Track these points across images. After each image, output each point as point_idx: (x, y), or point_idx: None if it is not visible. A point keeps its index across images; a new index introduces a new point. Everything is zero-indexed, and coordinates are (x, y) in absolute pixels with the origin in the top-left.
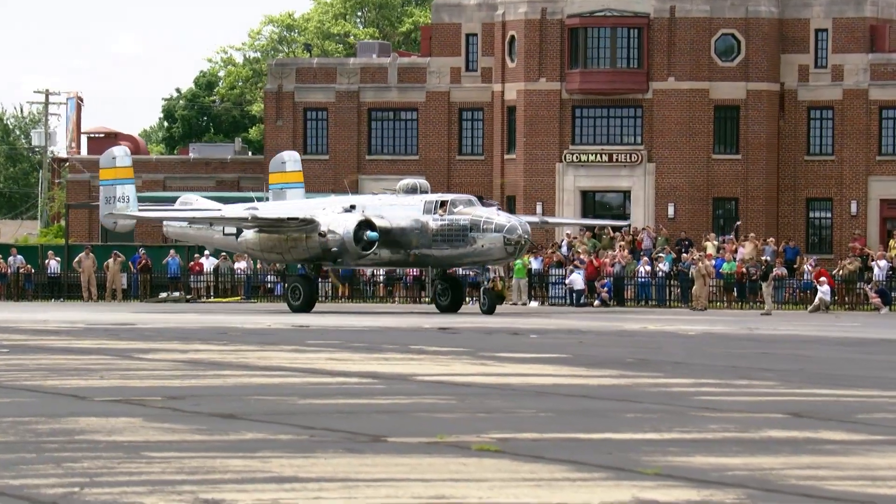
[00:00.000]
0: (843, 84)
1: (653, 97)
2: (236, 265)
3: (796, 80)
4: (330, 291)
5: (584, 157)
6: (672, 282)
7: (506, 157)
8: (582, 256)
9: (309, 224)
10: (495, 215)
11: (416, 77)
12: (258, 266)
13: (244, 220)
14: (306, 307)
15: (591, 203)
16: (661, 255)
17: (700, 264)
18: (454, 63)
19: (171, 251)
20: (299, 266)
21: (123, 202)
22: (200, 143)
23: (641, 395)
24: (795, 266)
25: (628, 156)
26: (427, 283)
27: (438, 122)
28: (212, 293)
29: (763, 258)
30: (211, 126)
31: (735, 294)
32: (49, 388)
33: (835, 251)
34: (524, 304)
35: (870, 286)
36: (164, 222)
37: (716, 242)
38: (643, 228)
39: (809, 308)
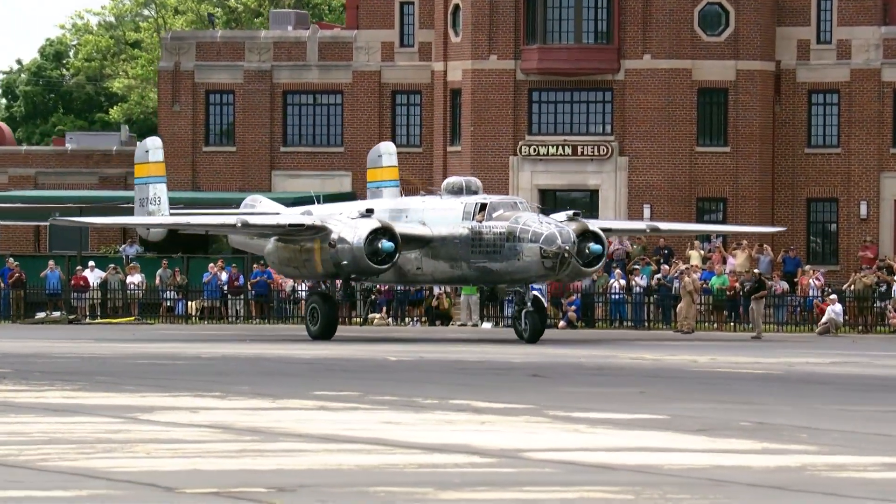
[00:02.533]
0: (850, 63)
1: (625, 78)
2: (129, 279)
3: (795, 59)
4: (242, 311)
5: (542, 150)
6: (651, 299)
7: (449, 149)
8: None
9: (320, 232)
10: (535, 222)
11: (341, 54)
12: (156, 281)
13: (231, 226)
14: (325, 333)
15: (551, 204)
16: (636, 267)
17: (686, 278)
18: (386, 37)
19: (51, 262)
20: (320, 283)
21: (155, 204)
22: (79, 132)
23: (838, 485)
24: (796, 279)
25: (596, 148)
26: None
27: (367, 107)
28: (98, 312)
29: (755, 271)
30: (60, 105)
31: (725, 313)
32: (107, 473)
33: (841, 261)
34: (475, 325)
35: (892, 305)
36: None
37: (701, 252)
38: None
39: (818, 329)
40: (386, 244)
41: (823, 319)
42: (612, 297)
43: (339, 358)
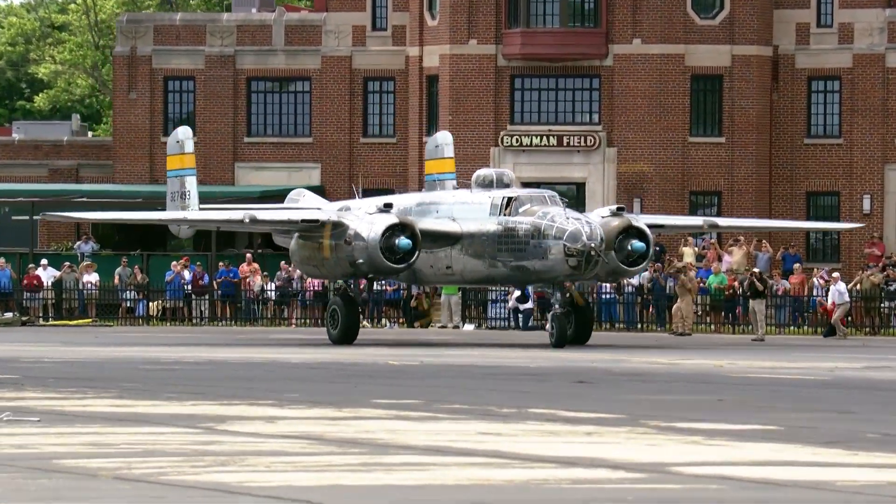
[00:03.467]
0: (853, 47)
1: (613, 64)
2: (85, 278)
3: (794, 43)
4: (207, 312)
5: (526, 140)
6: (644, 298)
7: (425, 139)
8: None
9: (337, 228)
10: (561, 217)
11: (309, 38)
12: (115, 280)
13: (238, 222)
14: (346, 338)
15: None
16: None
17: (684, 276)
18: (357, 20)
19: (0, 260)
20: (340, 282)
21: (186, 199)
22: (27, 122)
23: None
24: (795, 278)
25: (582, 138)
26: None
27: (337, 95)
28: (52, 314)
29: (755, 269)
30: None
31: (723, 314)
32: (247, 489)
33: (843, 259)
34: (456, 326)
35: None
36: None
37: (695, 248)
38: None
39: (836, 323)
40: (403, 241)
41: (830, 301)
42: (602, 297)
43: (337, 362)
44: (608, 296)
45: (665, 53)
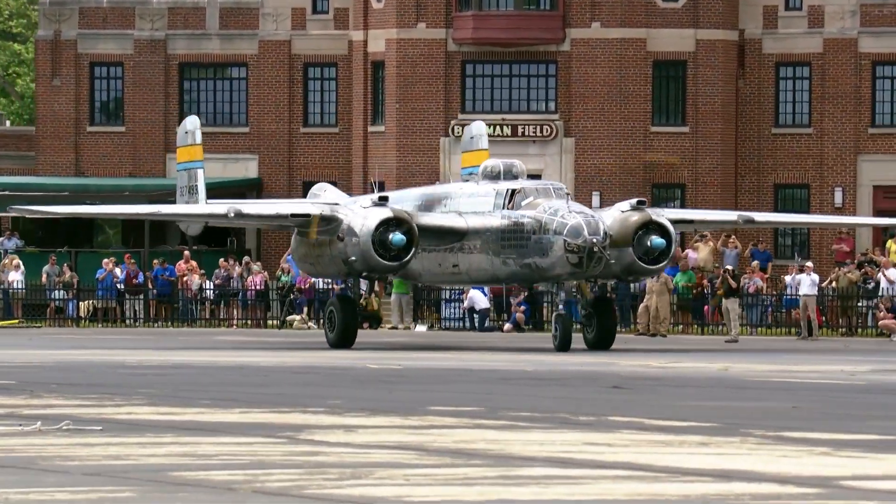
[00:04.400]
0: (823, 32)
1: (571, 50)
2: (11, 276)
3: (761, 27)
4: (141, 312)
5: None
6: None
7: (370, 129)
8: None
9: (331, 223)
10: (563, 211)
11: (245, 21)
12: (42, 279)
13: (222, 216)
14: (343, 341)
15: None
16: None
17: (665, 275)
18: (297, 2)
19: None
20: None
21: (194, 194)
22: None
23: None
24: (766, 276)
25: (538, 128)
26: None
27: (275, 82)
28: None
29: (727, 266)
30: None
31: (690, 314)
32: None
33: (813, 255)
34: (407, 327)
35: (881, 305)
36: None
37: None
38: None
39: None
40: (396, 237)
41: (803, 291)
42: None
43: (319, 366)
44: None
45: (625, 38)
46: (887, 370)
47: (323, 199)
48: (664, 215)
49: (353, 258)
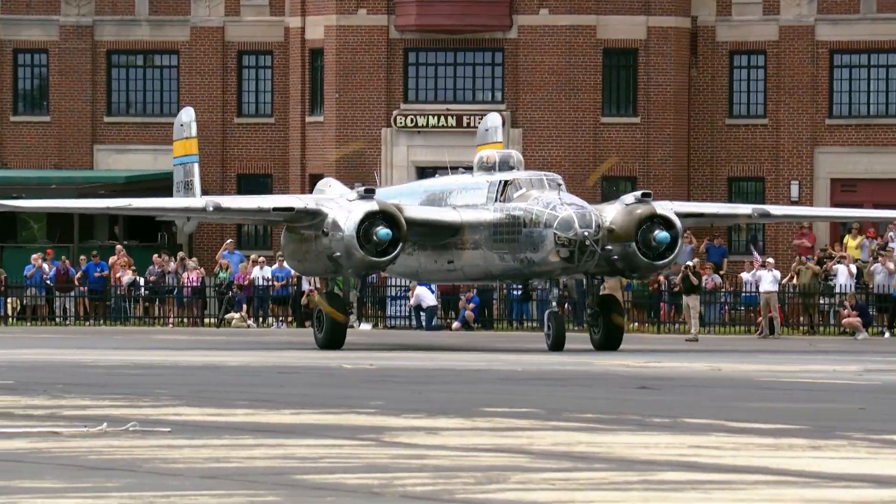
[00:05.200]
0: (779, 19)
1: (518, 37)
2: None
3: (714, 14)
4: (72, 310)
5: (421, 121)
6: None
7: (308, 119)
8: None
9: (316, 217)
10: (553, 203)
11: (176, 7)
12: None
13: (200, 210)
14: (332, 342)
15: None
16: None
17: None
18: None
19: None
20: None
21: (190, 190)
22: None
23: None
24: (722, 272)
25: (484, 118)
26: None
27: (208, 70)
28: None
29: (688, 263)
30: None
31: (645, 312)
32: None
33: (767, 251)
34: (351, 326)
35: (846, 301)
36: None
37: None
38: None
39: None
40: (382, 231)
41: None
42: (512, 294)
43: (292, 366)
44: (519, 292)
45: (574, 25)
46: (888, 370)
47: (328, 194)
48: (671, 208)
49: (338, 254)
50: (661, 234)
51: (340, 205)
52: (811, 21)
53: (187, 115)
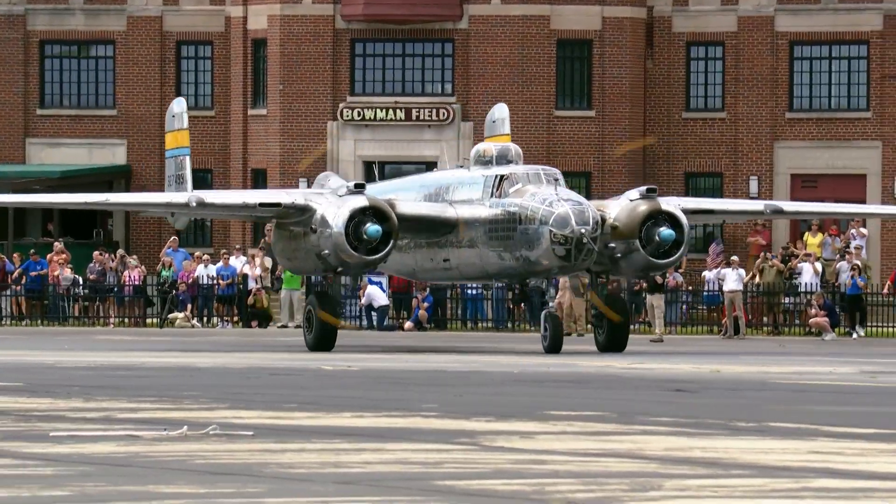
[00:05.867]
0: (737, 9)
1: (469, 27)
2: None
3: (671, 4)
4: (12, 310)
5: (369, 114)
6: (514, 295)
7: (250, 112)
8: None
9: (305, 213)
10: (549, 199)
11: None
12: None
13: (183, 206)
14: (322, 344)
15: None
16: None
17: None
18: None
19: None
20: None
21: (182, 184)
22: None
23: None
24: (681, 270)
25: (434, 112)
26: None
27: (146, 61)
28: None
29: None
30: None
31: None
32: None
33: (726, 249)
34: (298, 326)
35: (813, 301)
36: None
37: None
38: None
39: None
40: (371, 228)
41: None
42: (468, 293)
43: (292, 368)
44: (473, 291)
45: (527, 15)
46: (888, 371)
47: (328, 185)
48: (679, 205)
49: (327, 251)
50: (666, 232)
51: (330, 200)
52: (770, 11)
53: (179, 105)
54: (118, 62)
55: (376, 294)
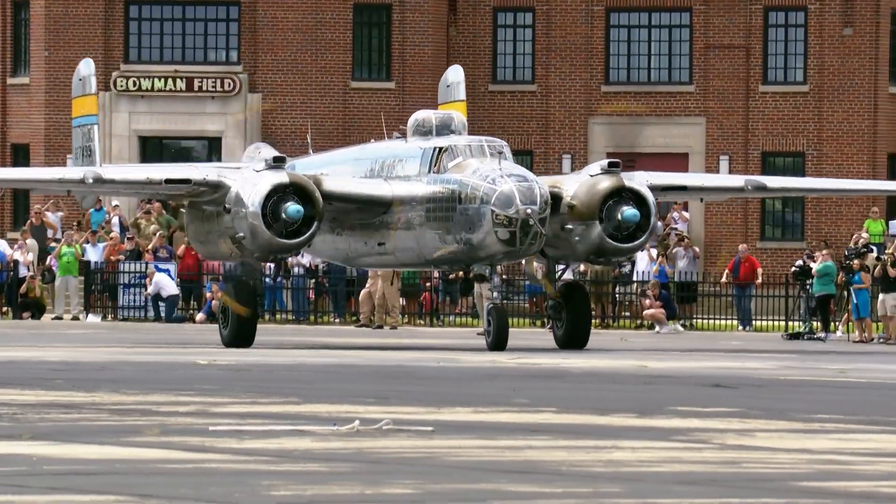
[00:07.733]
0: None
1: None
2: None
3: None
4: None
5: (145, 84)
6: (317, 283)
7: (10, 81)
8: (160, 242)
9: (218, 191)
10: (492, 175)
11: None
12: None
13: (78, 181)
14: (240, 338)
15: (157, 156)
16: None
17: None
18: None
19: None
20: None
21: (89, 157)
22: None
23: None
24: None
25: (218, 82)
26: None
27: None
28: None
29: None
30: None
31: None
32: None
33: None
34: (75, 318)
35: (648, 291)
36: None
37: None
38: None
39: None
40: (291, 208)
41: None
42: (266, 281)
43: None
44: (271, 280)
45: None
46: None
47: (258, 157)
48: (646, 181)
49: (241, 234)
50: (629, 212)
51: (245, 176)
52: None
53: (86, 67)
54: None
55: (164, 282)
